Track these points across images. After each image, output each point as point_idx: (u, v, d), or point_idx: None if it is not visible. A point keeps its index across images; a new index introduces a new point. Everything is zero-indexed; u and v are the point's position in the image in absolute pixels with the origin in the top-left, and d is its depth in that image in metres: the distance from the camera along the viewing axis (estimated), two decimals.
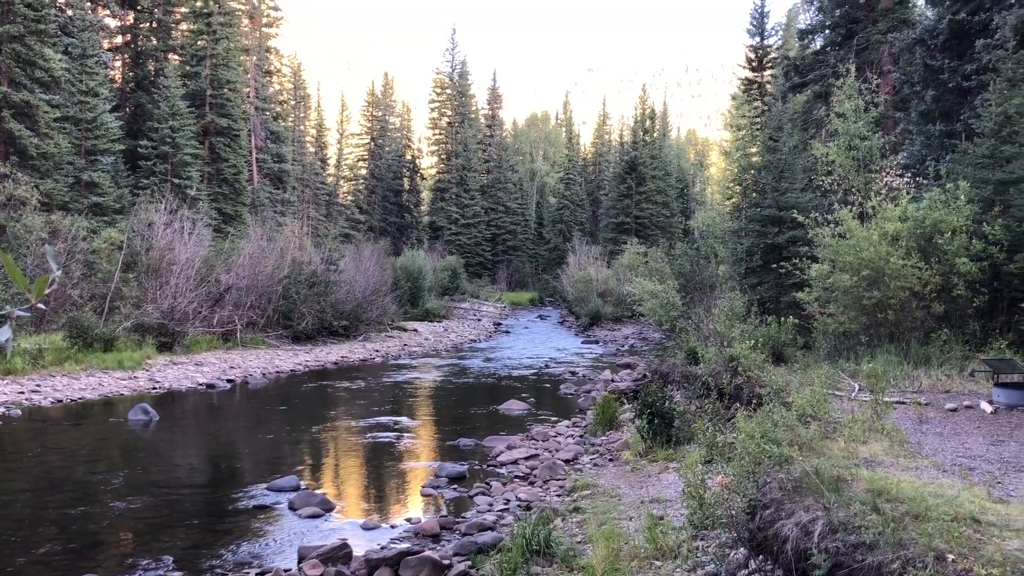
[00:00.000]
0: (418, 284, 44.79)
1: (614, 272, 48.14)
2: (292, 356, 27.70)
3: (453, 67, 75.08)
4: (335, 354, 29.08)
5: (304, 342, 30.85)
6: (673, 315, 25.36)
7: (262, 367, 25.01)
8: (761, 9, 43.74)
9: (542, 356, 31.17)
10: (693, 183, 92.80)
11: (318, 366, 26.65)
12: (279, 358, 26.97)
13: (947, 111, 24.19)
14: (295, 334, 30.81)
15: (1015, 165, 16.68)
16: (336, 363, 27.64)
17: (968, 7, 24.18)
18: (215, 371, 23.46)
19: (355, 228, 63.75)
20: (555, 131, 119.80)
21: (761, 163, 28.69)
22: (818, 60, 34.49)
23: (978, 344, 15.52)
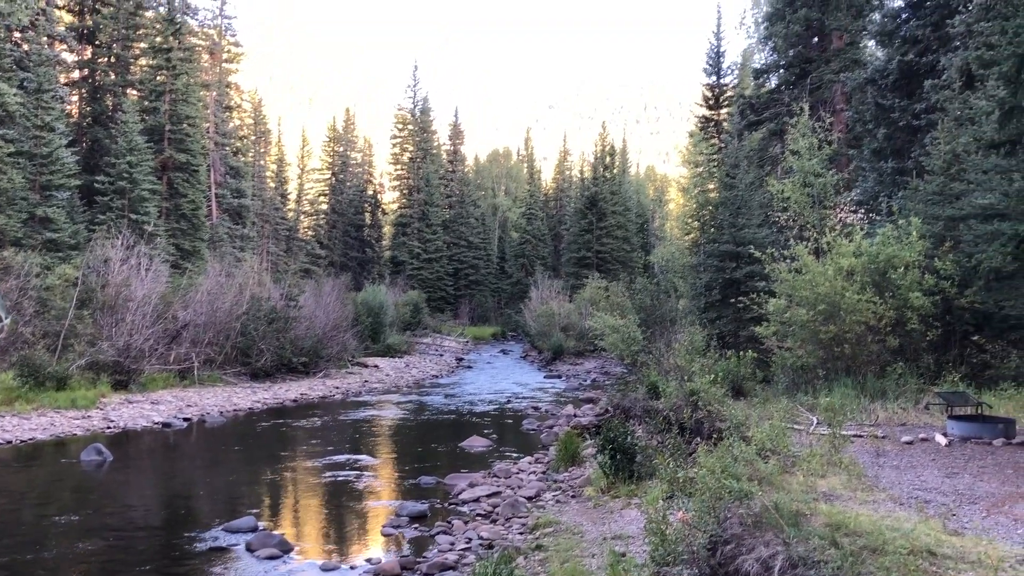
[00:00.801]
0: (379, 319, 44.53)
1: (576, 306, 48.31)
2: (250, 394, 27.32)
3: (415, 103, 75.47)
4: (294, 391, 28.74)
5: (263, 379, 30.45)
6: (634, 349, 25.49)
7: (219, 405, 24.61)
8: (717, 49, 44.64)
9: (504, 391, 31.09)
10: (653, 218, 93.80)
11: (277, 404, 26.30)
12: (237, 396, 26.58)
13: (898, 149, 24.82)
14: (254, 371, 30.41)
15: (964, 202, 17.10)
16: (295, 400, 27.30)
17: (916, 49, 24.92)
18: (171, 409, 23.04)
19: (316, 263, 63.35)
20: (517, 167, 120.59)
21: (718, 199, 29.15)
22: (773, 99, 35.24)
23: (932, 377, 15.79)
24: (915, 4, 27.10)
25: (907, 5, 27.57)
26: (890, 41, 27.16)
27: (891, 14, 28.16)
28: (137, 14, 44.53)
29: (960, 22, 21.17)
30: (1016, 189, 13.08)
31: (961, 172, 17.86)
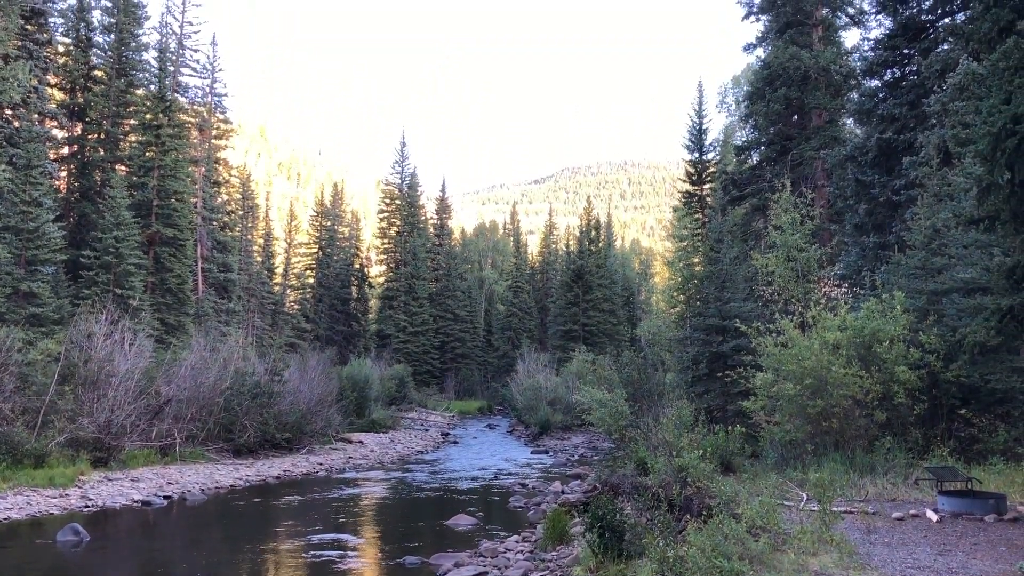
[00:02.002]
0: (364, 394, 44.12)
1: (563, 380, 48.07)
2: (233, 470, 26.85)
3: (403, 178, 76.27)
4: (277, 468, 28.28)
5: (245, 455, 29.98)
6: (622, 424, 25.29)
7: (201, 482, 24.16)
8: (699, 126, 45.55)
9: (491, 467, 30.70)
10: (639, 291, 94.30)
11: (259, 481, 25.84)
12: (219, 472, 26.12)
13: (880, 224, 25.22)
14: (236, 447, 29.96)
15: (946, 276, 17.31)
16: (278, 477, 26.85)
17: (894, 127, 25.55)
18: (152, 487, 22.58)
19: (301, 337, 63.03)
20: (503, 240, 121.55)
21: (703, 273, 29.34)
22: (755, 175, 35.91)
23: (921, 452, 15.74)
24: (892, 84, 27.93)
25: (884, 85, 28.40)
26: (868, 119, 27.86)
27: (868, 93, 28.97)
28: (128, 92, 45.19)
29: (936, 101, 21.76)
30: (997, 264, 13.23)
31: (942, 247, 18.13)
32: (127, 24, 44.91)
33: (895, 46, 27.36)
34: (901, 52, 27.39)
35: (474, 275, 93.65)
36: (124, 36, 44.94)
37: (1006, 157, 9.87)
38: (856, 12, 38.04)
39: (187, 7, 50.80)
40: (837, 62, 34.77)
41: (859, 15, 37.77)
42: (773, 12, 37.58)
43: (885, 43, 27.85)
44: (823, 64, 34.26)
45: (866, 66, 29.40)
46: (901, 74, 27.77)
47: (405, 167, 76.43)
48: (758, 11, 38.89)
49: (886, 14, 28.45)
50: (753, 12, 39.18)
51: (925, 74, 24.73)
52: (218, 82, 53.97)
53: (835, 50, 36.26)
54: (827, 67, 34.24)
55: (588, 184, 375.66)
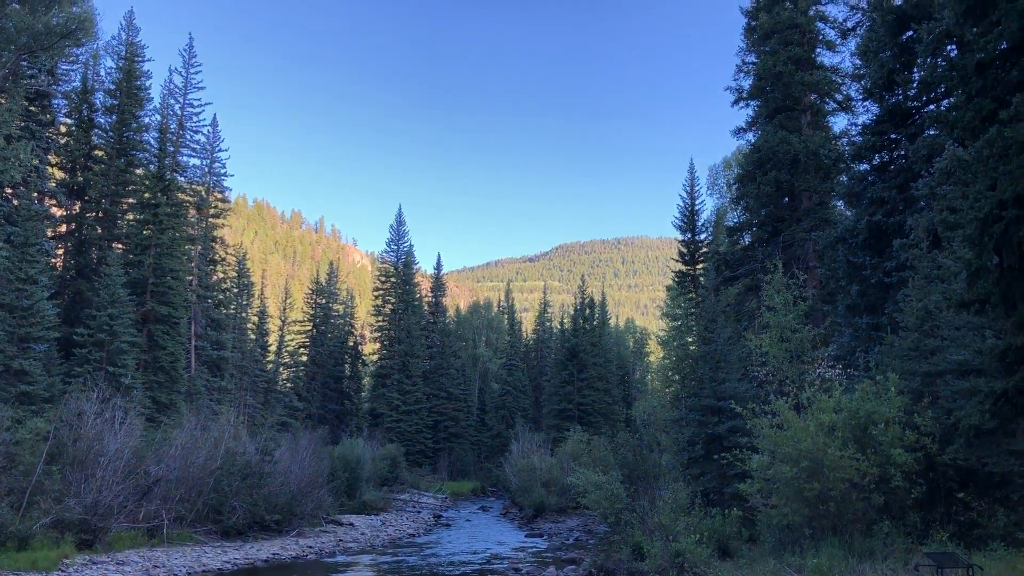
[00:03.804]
0: (356, 474, 43.53)
1: (557, 460, 47.55)
2: (221, 553, 26.29)
3: (399, 255, 76.71)
4: (266, 551, 27.70)
5: (234, 537, 29.39)
6: (617, 507, 24.94)
7: (188, 566, 23.62)
8: (691, 207, 46.18)
9: (484, 551, 30.12)
10: (633, 370, 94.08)
11: (248, 564, 25.29)
12: (207, 555, 25.57)
13: (872, 305, 25.37)
14: (225, 529, 29.38)
15: (939, 358, 17.35)
16: (267, 561, 26.28)
17: (883, 209, 25.94)
18: (137, 570, 22.06)
19: (293, 416, 62.46)
20: (498, 318, 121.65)
21: (698, 353, 29.37)
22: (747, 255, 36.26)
23: (920, 536, 15.53)
24: (880, 167, 28.47)
25: (872, 168, 28.95)
26: (858, 202, 28.31)
27: (857, 176, 29.49)
28: (127, 171, 45.76)
29: (923, 185, 22.16)
30: (989, 346, 13.32)
31: (935, 328, 18.22)
32: (129, 105, 45.74)
33: (882, 131, 27.98)
34: (888, 137, 28.01)
35: (468, 353, 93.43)
36: (125, 117, 45.72)
37: (993, 241, 10.03)
38: (844, 98, 38.97)
39: (189, 90, 51.90)
40: (826, 146, 35.48)
41: (847, 101, 38.69)
42: (762, 98, 38.50)
43: (872, 128, 28.49)
44: (812, 148, 34.94)
45: (854, 150, 30.00)
46: (889, 158, 28.33)
47: (401, 244, 77.00)
48: (747, 97, 39.85)
49: (872, 100, 29.18)
50: (743, 98, 40.14)
51: (912, 159, 25.24)
52: (217, 162, 54.76)
53: (824, 135, 37.05)
54: (816, 151, 34.92)
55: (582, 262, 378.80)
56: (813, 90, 38.03)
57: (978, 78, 11.25)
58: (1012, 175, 9.76)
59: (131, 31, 46.79)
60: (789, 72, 36.36)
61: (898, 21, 27.22)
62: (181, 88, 51.76)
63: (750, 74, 39.81)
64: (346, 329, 78.85)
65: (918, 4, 25.76)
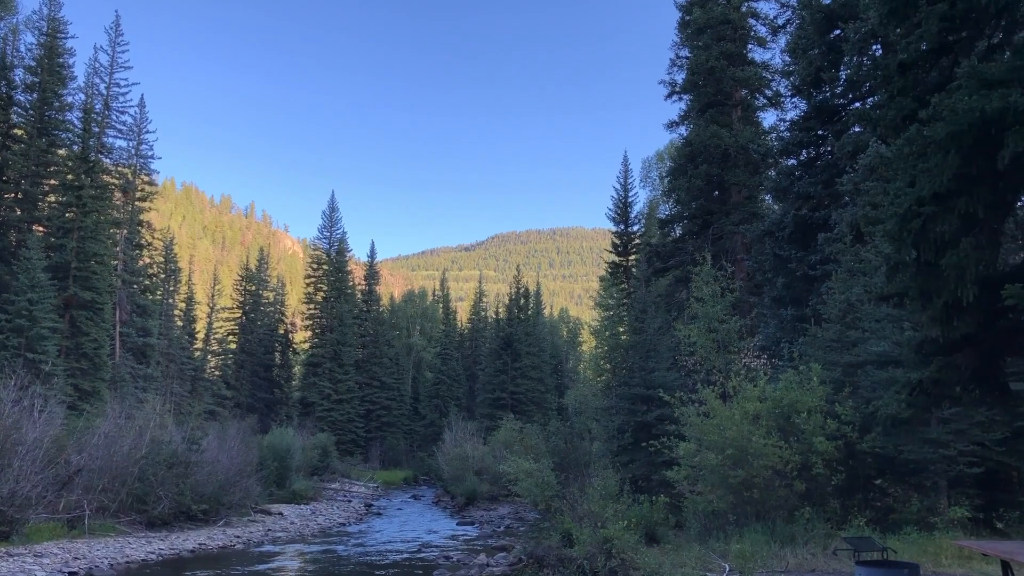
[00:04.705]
0: (286, 464, 42.98)
1: (490, 449, 47.67)
2: (145, 544, 25.71)
3: (331, 243, 75.79)
4: (192, 541, 27.19)
5: (159, 528, 28.78)
6: (548, 495, 25.17)
7: (110, 557, 23.04)
8: (624, 199, 46.65)
9: (415, 539, 30.08)
10: (566, 359, 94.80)
11: (173, 555, 24.78)
12: (130, 546, 24.97)
13: (797, 297, 26.04)
14: (150, 519, 28.74)
15: (860, 349, 17.91)
16: (193, 551, 25.79)
17: (809, 204, 26.60)
18: (56, 563, 21.42)
19: (222, 404, 61.38)
20: (432, 307, 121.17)
21: (628, 343, 29.75)
22: (678, 247, 36.87)
23: (839, 521, 16.02)
24: (807, 163, 29.18)
25: (800, 164, 29.65)
26: (785, 196, 28.98)
27: (785, 172, 30.18)
28: (49, 152, 44.21)
29: (848, 181, 22.77)
30: (907, 338, 13.79)
31: (856, 320, 18.78)
32: (51, 83, 44.17)
33: (809, 127, 28.68)
34: (815, 133, 28.72)
35: (402, 342, 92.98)
36: (47, 95, 44.13)
37: (912, 237, 10.37)
38: (774, 94, 39.81)
39: (115, 69, 50.33)
40: (756, 141, 36.21)
41: (776, 97, 39.53)
42: (695, 92, 39.08)
43: (800, 124, 29.19)
44: (742, 143, 35.63)
45: (783, 146, 30.69)
46: (816, 154, 29.07)
47: (334, 231, 76.11)
48: (681, 91, 40.40)
49: (801, 97, 29.88)
50: (676, 92, 40.69)
51: (838, 155, 25.94)
52: (144, 143, 53.24)
53: (753, 130, 37.82)
54: (746, 146, 35.62)
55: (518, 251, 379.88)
56: (744, 85, 38.76)
57: (900, 78, 11.60)
58: (930, 173, 10.09)
59: (53, 6, 45.13)
60: (721, 67, 36.99)
61: (826, 20, 27.89)
62: (107, 67, 50.15)
63: (684, 68, 40.38)
64: (277, 317, 77.71)
65: (846, 3, 26.41)
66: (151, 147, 53.78)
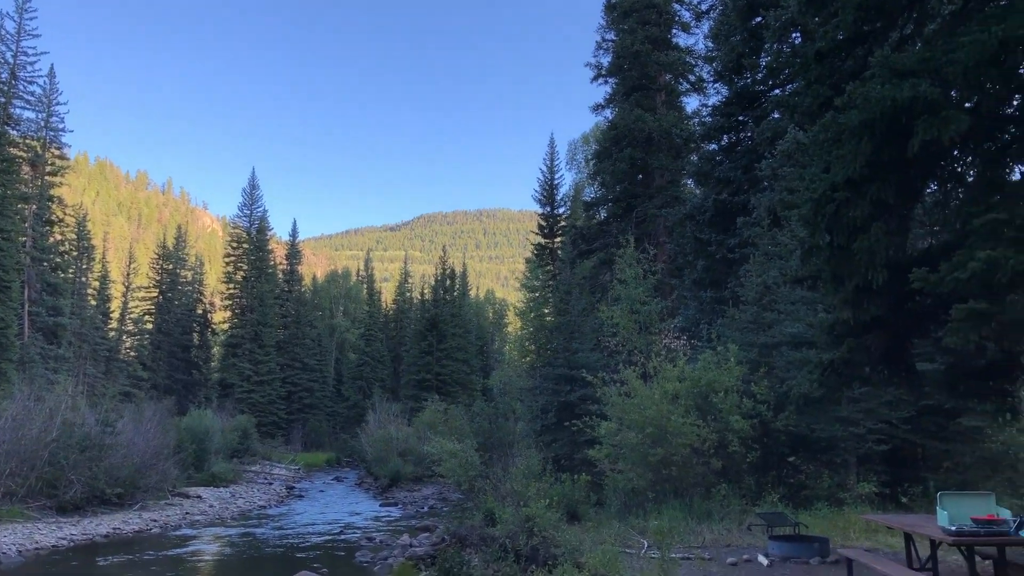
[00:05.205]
0: (204, 446, 42.12)
1: (415, 430, 47.56)
2: (56, 529, 24.91)
3: (251, 221, 74.16)
4: (106, 526, 26.45)
5: (71, 513, 27.91)
6: (472, 475, 25.25)
7: (18, 543, 22.25)
8: (551, 181, 46.88)
9: (338, 521, 29.86)
10: (492, 341, 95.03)
11: (86, 540, 24.07)
12: (40, 532, 24.16)
13: (716, 280, 26.58)
14: (61, 504, 27.85)
15: (775, 330, 18.40)
16: (107, 536, 25.10)
17: (729, 189, 27.13)
18: None
19: (137, 386, 59.74)
20: (356, 287, 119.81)
21: (553, 324, 29.97)
22: (602, 230, 37.23)
23: (754, 498, 16.50)
24: (728, 148, 29.72)
25: (720, 149, 30.19)
26: (706, 181, 29.50)
27: (707, 156, 30.71)
28: None
29: (767, 166, 23.29)
30: (820, 320, 14.20)
31: (772, 303, 19.28)
32: None
33: (731, 113, 29.21)
34: (736, 119, 29.26)
35: (325, 323, 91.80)
36: None
37: (825, 221, 10.65)
38: (696, 79, 40.38)
39: (22, 36, 48.12)
40: (678, 126, 36.72)
41: (699, 82, 40.11)
42: (620, 76, 39.37)
43: (722, 110, 29.70)
44: (665, 127, 36.09)
45: (704, 131, 31.20)
46: (736, 139, 29.63)
47: (254, 209, 74.46)
48: (606, 74, 40.65)
49: (723, 83, 30.38)
50: (601, 75, 40.92)
51: (757, 140, 26.50)
52: (55, 116, 51.16)
53: (676, 114, 38.34)
54: (669, 130, 36.09)
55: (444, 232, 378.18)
56: (668, 70, 39.21)
57: (817, 66, 11.87)
58: (844, 159, 10.36)
59: None
60: (646, 51, 37.32)
61: (748, 7, 28.37)
62: (13, 35, 47.85)
63: (609, 51, 40.61)
64: (195, 296, 75.87)
65: None
66: (62, 119, 51.74)
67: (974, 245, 8.99)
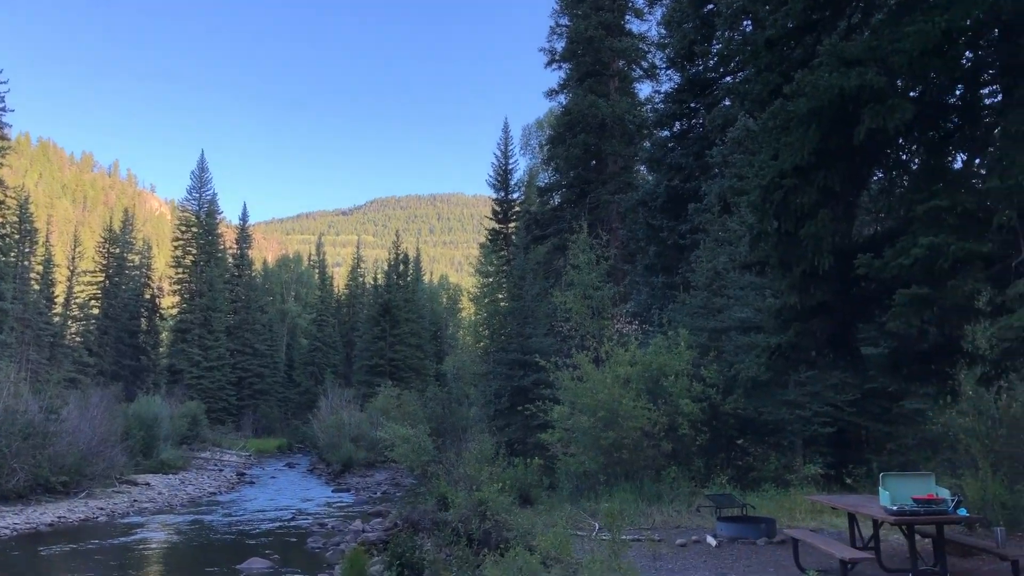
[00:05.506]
0: (153, 433, 41.46)
1: (368, 416, 47.33)
2: None
3: (201, 204, 72.90)
4: (51, 514, 25.94)
5: (15, 502, 27.31)
6: (425, 459, 25.24)
7: None
8: (505, 166, 46.80)
9: (289, 507, 29.66)
10: (446, 326, 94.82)
11: (30, 529, 23.59)
12: None
13: (668, 265, 26.85)
14: (3, 493, 27.24)
15: (725, 315, 18.65)
16: (51, 525, 24.62)
17: (680, 175, 27.36)
18: None
19: (83, 372, 58.53)
20: (308, 272, 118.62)
21: (507, 309, 30.03)
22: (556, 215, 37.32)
23: (703, 480, 16.75)
24: (680, 135, 29.96)
25: (673, 136, 30.42)
26: (659, 167, 29.71)
27: (659, 143, 30.92)
28: None
29: (717, 153, 23.54)
30: (768, 305, 14.44)
31: (722, 288, 19.54)
32: None
33: (683, 100, 29.43)
34: (688, 106, 29.50)
35: (276, 308, 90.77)
36: None
37: (774, 208, 10.80)
38: (649, 66, 40.55)
39: None
40: (631, 112, 36.88)
41: (652, 69, 40.30)
42: (574, 61, 39.38)
43: (674, 97, 29.91)
44: (619, 113, 36.23)
45: (657, 117, 31.41)
46: (688, 126, 29.89)
47: (204, 192, 73.19)
48: (560, 59, 40.64)
49: (675, 69, 30.57)
50: (555, 60, 40.90)
51: (709, 127, 26.76)
52: None
53: (630, 101, 38.49)
54: (622, 116, 36.24)
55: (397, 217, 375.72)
56: (621, 56, 39.32)
57: (767, 54, 12.00)
58: (792, 147, 10.50)
59: None
60: (599, 37, 37.37)
61: None
62: None
63: (563, 37, 40.58)
64: (142, 281, 74.40)
65: None
66: (2, 99, 50.21)
67: (917, 232, 9.19)
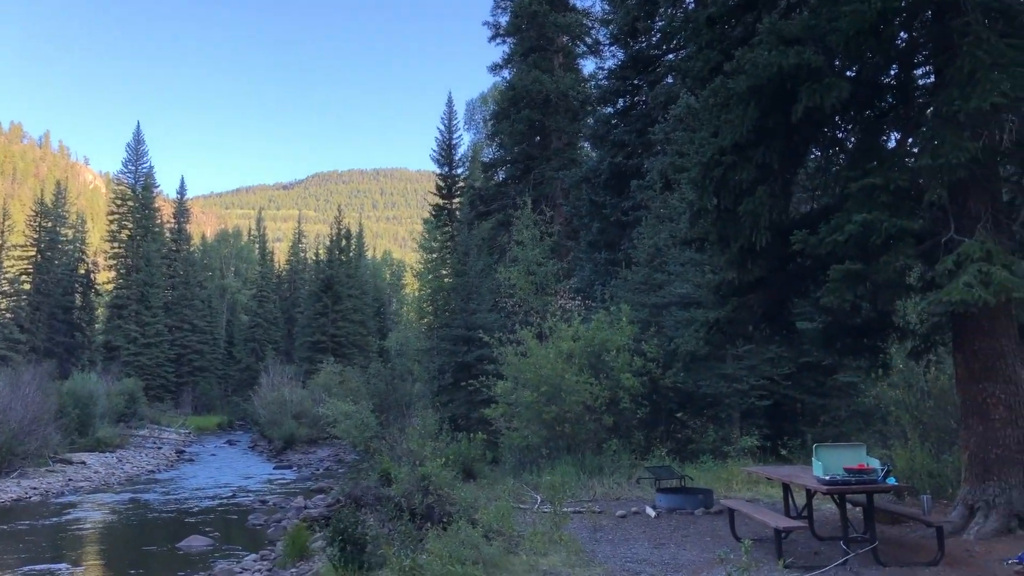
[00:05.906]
0: (89, 411, 40.60)
1: (310, 392, 47.01)
2: None
3: (137, 177, 71.14)
4: None
5: None
6: (367, 435, 25.18)
7: None
8: (449, 141, 46.53)
9: (230, 485, 29.36)
10: (389, 302, 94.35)
11: None
12: None
13: (610, 241, 27.04)
14: None
15: (665, 291, 18.90)
16: None
17: (624, 152, 27.50)
18: None
19: (15, 349, 56.98)
20: (248, 247, 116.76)
21: (451, 285, 30.00)
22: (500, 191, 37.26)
23: (643, 452, 17.02)
24: (623, 112, 30.08)
25: (616, 112, 30.51)
26: (602, 144, 29.82)
27: (602, 119, 31.00)
28: None
29: (660, 130, 23.70)
30: (707, 281, 14.66)
31: (663, 264, 19.77)
32: None
33: (626, 77, 29.51)
34: (631, 83, 29.59)
35: (215, 283, 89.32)
36: None
37: (713, 185, 10.95)
38: (593, 42, 40.54)
39: None
40: (575, 88, 36.89)
41: (596, 45, 40.29)
42: (518, 36, 39.16)
43: (617, 73, 29.97)
44: (563, 89, 36.21)
45: (600, 94, 31.45)
46: (631, 103, 29.99)
47: (140, 165, 71.45)
48: (504, 34, 40.37)
49: (618, 46, 30.62)
50: (499, 34, 40.61)
51: (651, 104, 26.91)
52: None
53: (574, 76, 38.47)
54: (566, 92, 36.24)
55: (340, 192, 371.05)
56: (565, 32, 39.22)
57: (708, 31, 12.09)
58: (732, 124, 10.63)
59: None
60: (544, 12, 37.19)
61: None
62: None
63: (507, 11, 40.29)
64: (76, 256, 72.47)
65: None
66: None
67: (851, 209, 9.41)
